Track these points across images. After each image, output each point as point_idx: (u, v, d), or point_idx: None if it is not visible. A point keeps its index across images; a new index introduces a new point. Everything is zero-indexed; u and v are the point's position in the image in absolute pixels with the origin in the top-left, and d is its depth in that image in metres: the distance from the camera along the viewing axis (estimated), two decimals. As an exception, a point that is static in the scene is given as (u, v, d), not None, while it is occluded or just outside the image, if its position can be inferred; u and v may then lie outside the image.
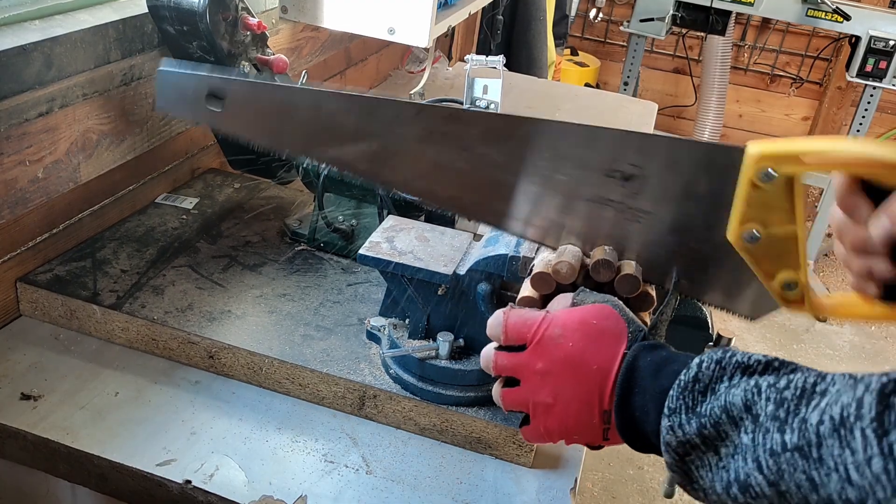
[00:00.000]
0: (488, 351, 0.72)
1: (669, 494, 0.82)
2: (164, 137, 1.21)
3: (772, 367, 0.56)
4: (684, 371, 0.59)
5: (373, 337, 1.00)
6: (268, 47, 1.20)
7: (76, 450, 0.85)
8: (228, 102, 0.77)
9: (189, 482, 0.82)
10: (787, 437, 0.49)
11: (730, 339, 0.76)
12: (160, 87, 0.81)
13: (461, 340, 0.94)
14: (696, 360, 0.59)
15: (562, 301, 0.74)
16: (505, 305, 0.84)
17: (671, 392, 0.59)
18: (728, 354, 0.58)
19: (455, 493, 0.86)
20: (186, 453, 0.86)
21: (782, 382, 0.52)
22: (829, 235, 3.91)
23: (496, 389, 0.73)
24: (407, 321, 0.97)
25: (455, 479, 0.88)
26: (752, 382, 0.54)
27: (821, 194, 3.64)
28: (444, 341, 0.92)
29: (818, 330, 3.40)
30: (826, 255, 3.98)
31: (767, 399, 0.52)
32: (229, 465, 0.85)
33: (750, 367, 0.56)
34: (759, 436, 0.52)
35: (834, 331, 3.41)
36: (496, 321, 0.71)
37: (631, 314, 0.69)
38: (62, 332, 1.01)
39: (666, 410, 0.59)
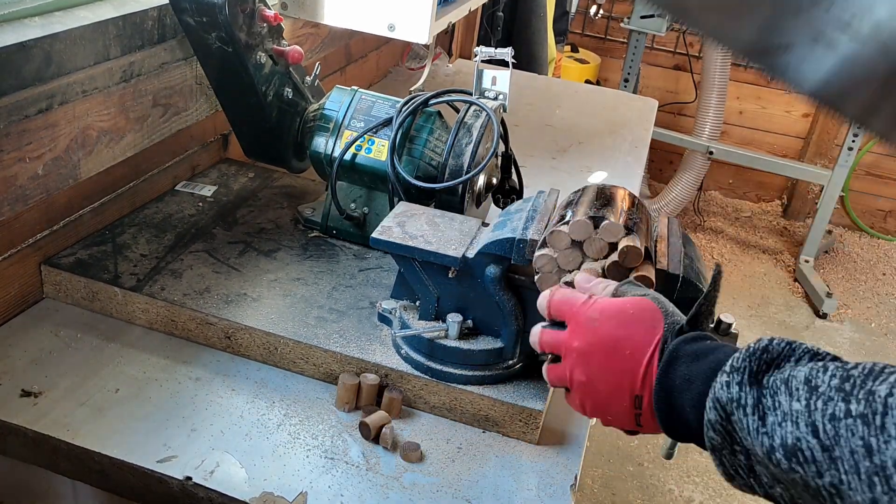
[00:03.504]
0: (536, 328, 0.77)
1: (669, 456, 0.83)
2: (164, 134, 1.21)
3: (839, 359, 0.57)
4: (755, 342, 0.60)
5: (384, 319, 1.03)
6: (283, 38, 1.22)
7: (77, 446, 0.85)
8: None
9: (189, 479, 0.82)
10: (851, 406, 0.50)
11: (730, 324, 0.78)
12: None
13: (470, 321, 0.97)
14: (767, 338, 0.60)
15: (603, 285, 0.77)
16: (513, 288, 0.93)
17: (737, 354, 0.59)
18: (798, 342, 0.59)
19: (455, 489, 0.86)
20: (187, 450, 0.86)
21: (850, 364, 0.54)
22: (829, 232, 3.91)
23: (545, 366, 0.77)
24: (417, 303, 1.00)
25: (456, 476, 0.88)
26: (820, 364, 0.55)
27: (820, 191, 3.64)
28: (453, 322, 0.95)
29: (818, 327, 3.40)
30: (826, 252, 3.98)
31: (833, 375, 0.53)
32: (230, 461, 0.85)
33: (819, 355, 0.58)
34: (816, 402, 0.52)
35: (834, 327, 3.41)
36: (543, 297, 0.76)
37: (669, 308, 0.71)
38: (63, 329, 1.02)
39: (727, 367, 0.59)
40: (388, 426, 0.90)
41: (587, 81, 3.90)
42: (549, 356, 0.78)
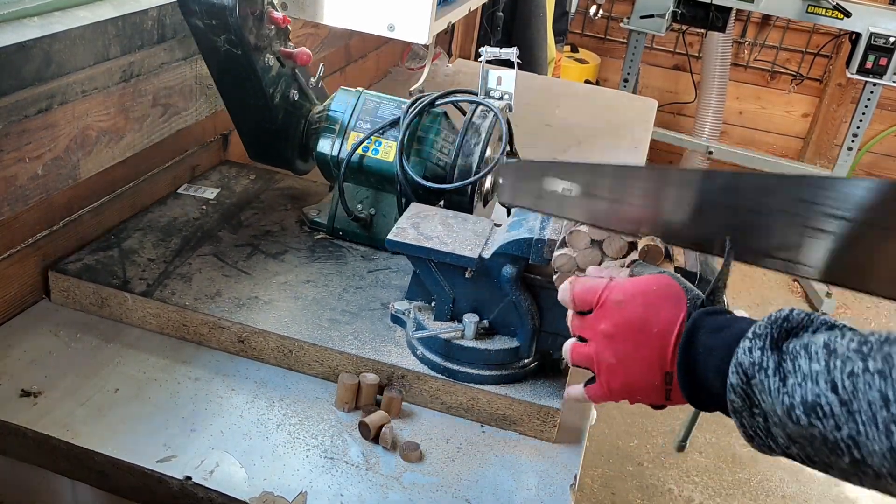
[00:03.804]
0: (569, 315, 0.78)
1: (681, 448, 0.85)
2: (163, 134, 1.21)
3: (855, 329, 0.60)
4: (777, 311, 0.63)
5: (397, 320, 1.04)
6: (290, 41, 1.22)
7: (76, 446, 0.85)
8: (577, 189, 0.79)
9: (189, 479, 0.82)
10: (869, 364, 0.53)
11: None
12: (503, 180, 0.86)
13: (486, 321, 0.97)
14: (787, 308, 0.63)
15: (617, 271, 0.79)
16: (529, 287, 0.94)
17: (759, 322, 0.62)
18: (817, 314, 0.62)
19: (455, 489, 0.86)
20: (187, 450, 0.86)
21: (866, 332, 0.57)
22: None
23: (567, 344, 0.78)
24: (432, 304, 1.00)
25: (455, 476, 0.88)
26: (838, 331, 0.58)
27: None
28: (469, 322, 0.96)
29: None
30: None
31: (850, 340, 0.56)
32: (229, 461, 0.85)
33: (836, 326, 0.61)
34: (835, 362, 0.55)
35: (834, 328, 3.41)
36: (564, 289, 0.77)
37: (688, 283, 0.72)
38: (62, 329, 1.02)
39: (750, 334, 0.62)
40: (387, 426, 0.90)
41: (587, 81, 3.90)
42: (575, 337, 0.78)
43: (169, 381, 0.95)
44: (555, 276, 0.88)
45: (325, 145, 1.20)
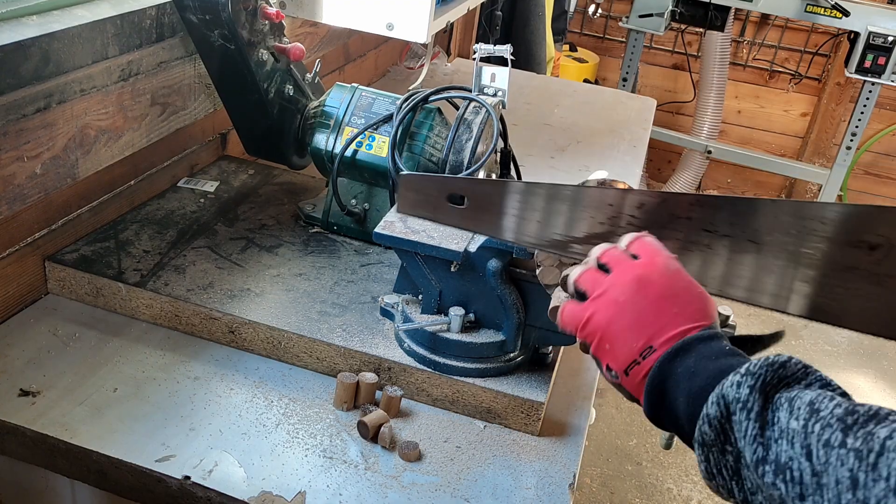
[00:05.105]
0: (576, 268, 0.74)
1: (668, 446, 0.83)
2: (162, 133, 1.21)
3: (848, 396, 0.57)
4: (775, 355, 0.60)
5: (386, 314, 1.04)
6: (284, 36, 1.23)
7: (75, 446, 0.85)
8: (469, 202, 0.81)
9: (188, 478, 0.82)
10: (848, 439, 0.51)
11: (727, 316, 0.79)
12: (402, 191, 0.87)
13: (472, 315, 0.98)
14: (787, 355, 0.60)
15: None
16: (514, 281, 0.95)
17: (755, 359, 0.59)
18: (814, 368, 0.60)
19: (454, 488, 0.86)
20: (185, 449, 0.86)
21: (856, 402, 0.54)
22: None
23: (563, 306, 0.73)
24: (420, 297, 1.01)
25: (454, 475, 0.88)
26: (829, 394, 0.56)
27: (819, 190, 3.64)
28: (455, 315, 0.96)
29: (816, 326, 3.40)
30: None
31: (837, 405, 0.53)
32: (228, 461, 0.85)
33: (830, 385, 0.58)
34: (814, 426, 0.53)
35: (832, 326, 3.41)
36: (594, 251, 0.73)
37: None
38: (61, 329, 1.02)
39: (742, 370, 0.59)
40: (386, 425, 0.90)
41: (586, 80, 3.89)
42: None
43: (168, 380, 0.95)
44: (537, 271, 0.88)
45: (319, 140, 1.21)
